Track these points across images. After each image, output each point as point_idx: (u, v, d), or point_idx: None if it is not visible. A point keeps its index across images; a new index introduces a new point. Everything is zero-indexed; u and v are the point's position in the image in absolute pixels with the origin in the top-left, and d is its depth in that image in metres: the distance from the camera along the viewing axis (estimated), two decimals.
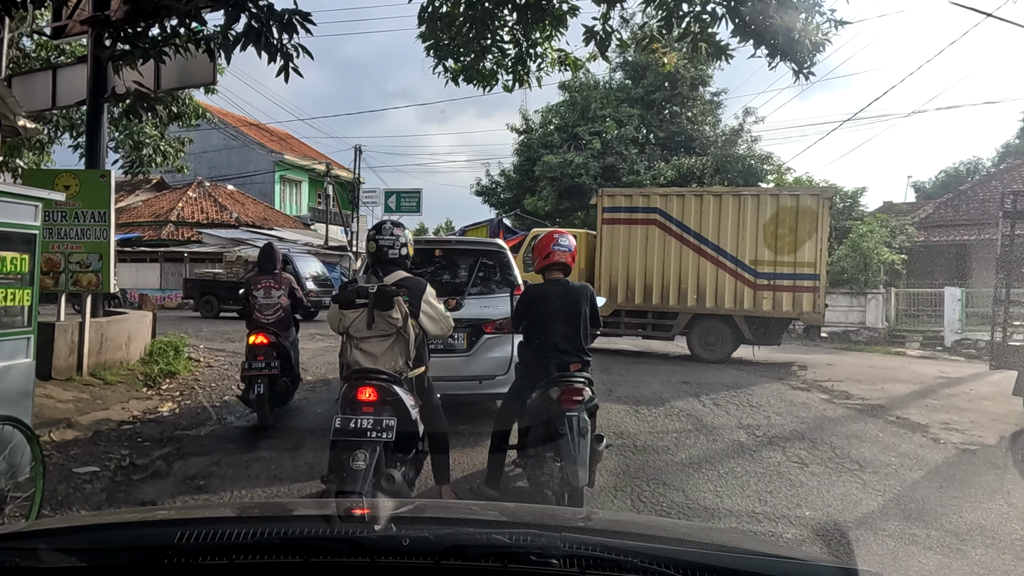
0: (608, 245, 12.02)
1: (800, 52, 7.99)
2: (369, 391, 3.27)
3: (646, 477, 4.77)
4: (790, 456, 5.41)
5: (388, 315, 3.36)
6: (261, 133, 36.95)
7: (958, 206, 22.08)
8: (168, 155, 15.07)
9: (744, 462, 5.24)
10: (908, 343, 16.21)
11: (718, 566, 1.11)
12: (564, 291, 4.08)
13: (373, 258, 3.72)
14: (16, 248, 3.73)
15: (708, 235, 11.46)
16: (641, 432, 6.11)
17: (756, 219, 11.27)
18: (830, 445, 5.81)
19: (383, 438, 3.13)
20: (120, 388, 7.24)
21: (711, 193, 12.15)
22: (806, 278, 11.08)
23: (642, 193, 12.82)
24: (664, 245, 11.68)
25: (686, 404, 7.52)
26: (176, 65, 8.85)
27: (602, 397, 7.87)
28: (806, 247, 11.01)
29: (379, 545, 1.10)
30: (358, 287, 3.49)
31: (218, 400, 7.39)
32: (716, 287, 11.43)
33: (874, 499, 4.45)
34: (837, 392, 8.68)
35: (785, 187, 15.13)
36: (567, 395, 3.74)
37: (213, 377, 8.91)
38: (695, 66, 27.89)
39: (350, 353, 3.45)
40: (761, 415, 7.05)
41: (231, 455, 5.19)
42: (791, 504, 4.30)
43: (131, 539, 1.25)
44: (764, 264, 11.18)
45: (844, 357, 13.32)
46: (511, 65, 9.51)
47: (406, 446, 3.41)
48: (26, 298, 3.81)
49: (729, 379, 9.45)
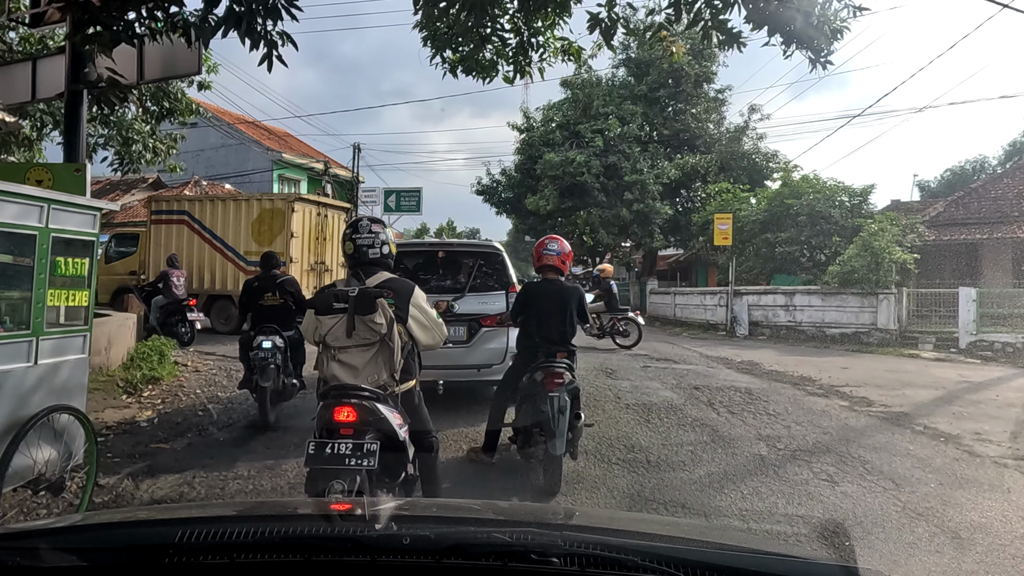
0: (155, 240, 14.86)
1: (817, 39, 7.57)
2: (347, 411, 2.86)
3: (663, 499, 4.33)
4: (818, 472, 4.96)
5: (370, 320, 2.97)
6: (260, 132, 36.53)
7: (968, 204, 21.61)
8: (159, 152, 14.64)
9: (769, 480, 4.79)
10: (921, 345, 15.73)
11: (719, 564, 1.10)
12: (555, 290, 4.73)
13: (352, 260, 3.29)
14: (78, 253, 3.96)
15: (218, 231, 14.53)
16: (654, 445, 5.66)
17: (247, 219, 14.40)
18: (859, 459, 5.36)
19: (364, 465, 2.73)
20: (96, 396, 6.78)
21: (219, 198, 15.54)
22: None
23: (176, 198, 16.37)
24: (190, 240, 14.61)
25: (699, 412, 7.07)
26: (159, 55, 8.45)
27: (610, 403, 7.45)
28: (278, 240, 13.90)
29: (380, 544, 1.11)
30: (336, 291, 3.10)
31: (201, 408, 6.95)
32: (223, 273, 14.36)
33: (917, 525, 4.00)
34: (857, 398, 8.22)
35: (265, 195, 17.78)
36: (550, 378, 4.39)
37: (200, 383, 8.46)
38: (699, 63, 27.46)
39: (327, 366, 3.04)
40: (780, 425, 6.60)
41: (207, 472, 4.75)
42: None
43: (132, 538, 1.25)
44: (252, 254, 13.69)
45: (857, 360, 12.85)
46: (512, 55, 9.07)
47: (393, 471, 3.06)
48: (84, 299, 4.05)
49: (742, 385, 9.00)
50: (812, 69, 7.72)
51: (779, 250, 20.07)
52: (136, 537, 1.26)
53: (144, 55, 8.49)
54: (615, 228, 27.88)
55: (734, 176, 25.94)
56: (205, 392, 7.87)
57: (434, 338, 3.34)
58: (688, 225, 26.50)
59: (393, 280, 3.21)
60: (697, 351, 13.58)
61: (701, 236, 24.62)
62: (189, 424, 6.23)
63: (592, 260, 42.11)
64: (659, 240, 26.90)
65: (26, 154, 13.98)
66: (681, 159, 27.29)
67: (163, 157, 14.89)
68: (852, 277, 16.49)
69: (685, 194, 29.35)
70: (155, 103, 13.95)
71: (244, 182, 33.80)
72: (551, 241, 4.86)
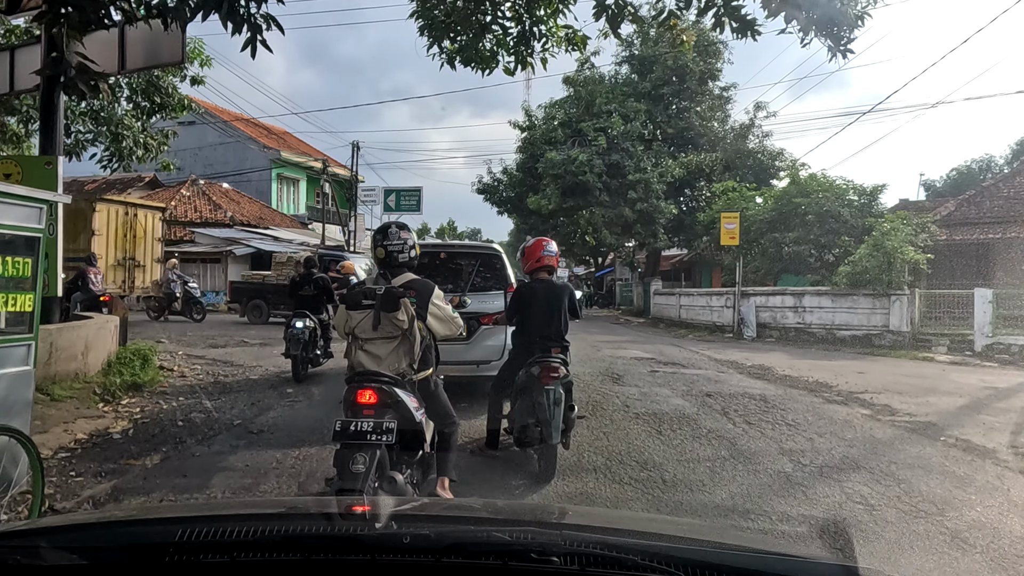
0: None
1: (838, 26, 7.12)
2: (369, 394, 3.25)
3: None
4: (850, 494, 4.50)
5: (394, 317, 3.36)
6: (259, 131, 36.10)
7: (980, 203, 21.13)
8: (150, 148, 14.21)
9: (798, 503, 4.33)
10: (934, 347, 15.25)
11: (718, 563, 1.08)
12: (549, 288, 4.98)
13: (382, 264, 3.69)
14: (18, 252, 3.62)
15: None
16: (668, 461, 5.20)
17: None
18: (894, 478, 4.90)
19: (383, 440, 3.08)
20: (69, 405, 6.34)
21: None
22: None
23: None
24: None
25: (714, 423, 6.61)
26: (141, 43, 8.01)
27: (618, 412, 7.00)
28: (81, 237, 13.77)
29: (380, 543, 1.11)
30: (365, 288, 3.55)
31: (183, 418, 6.50)
32: None
33: (971, 557, 3.55)
34: (879, 407, 7.76)
35: (73, 195, 18.95)
36: (546, 372, 4.62)
37: (185, 389, 8.02)
38: (704, 59, 26.99)
39: (354, 354, 3.45)
40: (802, 437, 6.14)
41: (176, 494, 4.31)
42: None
43: (133, 537, 1.24)
44: (67, 251, 14.60)
45: (872, 364, 12.39)
46: (513, 45, 8.62)
47: (411, 448, 3.41)
48: (27, 303, 3.76)
49: (756, 391, 8.54)
50: (831, 58, 7.27)
51: (787, 250, 19.61)
52: (136, 536, 1.25)
53: (126, 43, 8.06)
54: (618, 228, 27.44)
55: (739, 175, 25.46)
56: (189, 399, 7.43)
57: (451, 329, 3.72)
58: (692, 225, 26.03)
59: (416, 281, 3.62)
60: (705, 354, 13.12)
61: (706, 236, 24.15)
62: (167, 436, 5.78)
63: (595, 260, 41.70)
64: (663, 240, 26.41)
65: (13, 150, 13.57)
66: (686, 157, 26.81)
67: (154, 153, 14.48)
68: (863, 278, 16.01)
69: (689, 193, 28.89)
70: (145, 98, 13.54)
71: (242, 181, 33.37)
72: (548, 243, 5.19)
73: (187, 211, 27.74)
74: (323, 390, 8.02)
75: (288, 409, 7.05)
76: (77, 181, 31.78)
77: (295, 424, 6.36)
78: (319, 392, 8.02)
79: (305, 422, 6.38)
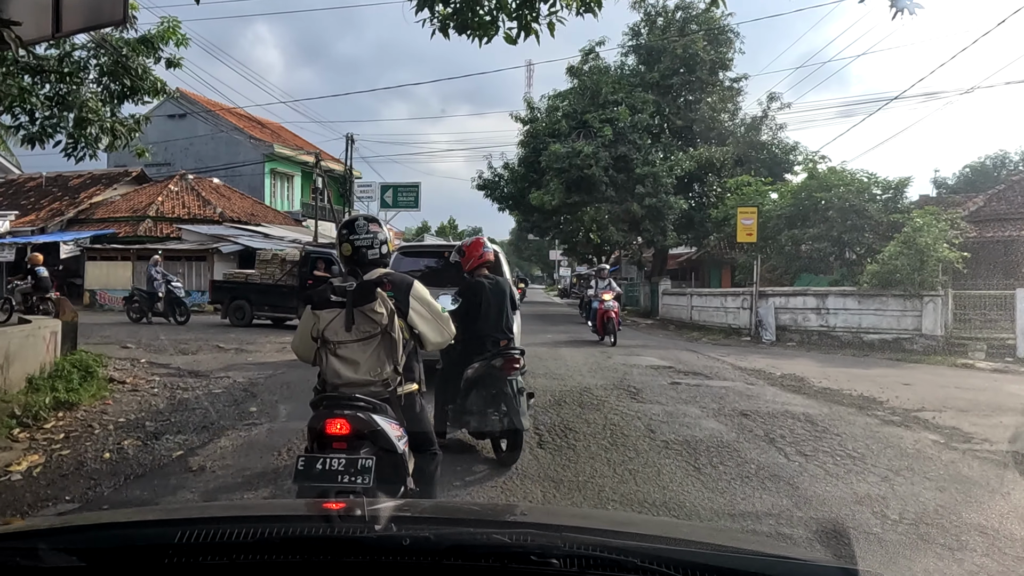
0: None
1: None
2: (340, 423, 2.67)
3: None
4: (972, 570, 3.32)
5: (370, 310, 2.81)
6: (252, 125, 34.91)
7: (1012, 198, 19.97)
8: (119, 135, 13.04)
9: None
10: (971, 353, 14.05)
11: (718, 566, 1.08)
12: (493, 285, 5.05)
13: (349, 262, 3.09)
14: None
15: None
16: (719, 515, 4.02)
17: None
18: (1009, 538, 3.73)
19: (359, 483, 2.51)
20: None
21: None
22: None
23: None
24: None
25: (761, 455, 5.42)
26: (79, 2, 6.86)
27: (643, 440, 5.82)
28: None
29: (379, 544, 1.10)
30: (334, 285, 2.96)
31: (113, 447, 5.33)
32: None
33: None
34: (947, 430, 6.58)
35: None
36: (508, 364, 4.81)
37: (131, 407, 6.85)
38: (715, 48, 25.79)
39: (326, 362, 2.85)
40: (874, 475, 4.95)
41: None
42: None
43: (132, 538, 1.23)
44: None
45: (912, 372, 11.20)
46: (516, 7, 7.44)
47: (391, 487, 2.78)
48: None
49: (797, 409, 7.35)
50: (895, 15, 6.11)
51: (805, 247, 18.41)
52: (136, 537, 1.24)
53: (61, 4, 6.92)
54: (625, 224, 26.21)
55: (752, 168, 24.25)
56: (130, 420, 6.26)
57: (441, 333, 3.15)
58: (703, 222, 24.82)
59: (391, 274, 3.07)
60: (727, 361, 11.93)
61: (717, 233, 22.94)
62: (80, 476, 4.61)
63: (599, 259, 40.49)
64: (672, 237, 25.17)
65: None
66: (696, 151, 25.59)
67: (124, 141, 13.32)
68: (894, 277, 14.81)
69: (699, 188, 27.67)
70: (114, 80, 12.39)
71: (234, 175, 32.17)
72: (485, 241, 5.35)
73: (175, 207, 26.56)
74: (292, 408, 6.82)
75: (244, 434, 5.87)
76: (62, 176, 30.66)
77: (249, 456, 5.19)
78: (287, 410, 6.85)
79: (261, 454, 5.20)
